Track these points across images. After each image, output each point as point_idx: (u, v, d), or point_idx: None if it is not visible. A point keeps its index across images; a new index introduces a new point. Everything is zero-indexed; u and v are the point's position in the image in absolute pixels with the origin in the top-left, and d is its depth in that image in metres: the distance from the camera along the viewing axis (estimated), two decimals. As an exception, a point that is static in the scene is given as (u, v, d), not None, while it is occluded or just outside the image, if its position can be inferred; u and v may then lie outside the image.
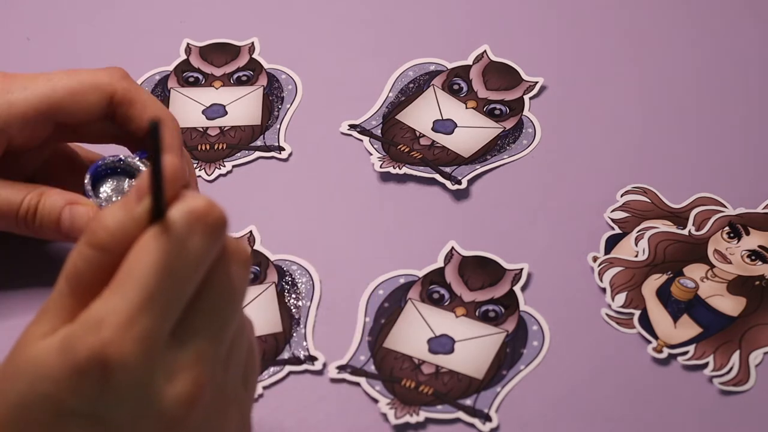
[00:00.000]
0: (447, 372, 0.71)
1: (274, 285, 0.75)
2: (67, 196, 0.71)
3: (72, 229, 0.70)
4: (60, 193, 0.71)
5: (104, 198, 0.71)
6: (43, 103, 0.71)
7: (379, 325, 0.73)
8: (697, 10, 0.92)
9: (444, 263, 0.76)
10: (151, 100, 0.73)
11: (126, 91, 0.72)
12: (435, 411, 0.69)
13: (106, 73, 0.72)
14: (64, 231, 0.70)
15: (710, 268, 0.75)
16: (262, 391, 0.70)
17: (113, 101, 0.72)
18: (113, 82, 0.72)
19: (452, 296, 0.75)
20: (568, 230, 0.78)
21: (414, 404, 0.69)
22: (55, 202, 0.71)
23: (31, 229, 0.71)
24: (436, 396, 0.70)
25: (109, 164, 0.72)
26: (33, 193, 0.71)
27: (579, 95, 0.86)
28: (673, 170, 0.82)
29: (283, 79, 0.87)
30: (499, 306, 0.74)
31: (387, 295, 0.75)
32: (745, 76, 0.88)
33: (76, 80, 0.72)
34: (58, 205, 0.70)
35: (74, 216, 0.70)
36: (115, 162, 0.72)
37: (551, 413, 0.69)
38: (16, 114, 0.71)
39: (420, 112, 0.85)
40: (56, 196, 0.71)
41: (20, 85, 0.71)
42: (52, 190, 0.71)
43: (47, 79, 0.72)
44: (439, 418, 0.69)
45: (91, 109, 0.72)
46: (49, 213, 0.70)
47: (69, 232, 0.70)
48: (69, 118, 0.72)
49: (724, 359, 0.71)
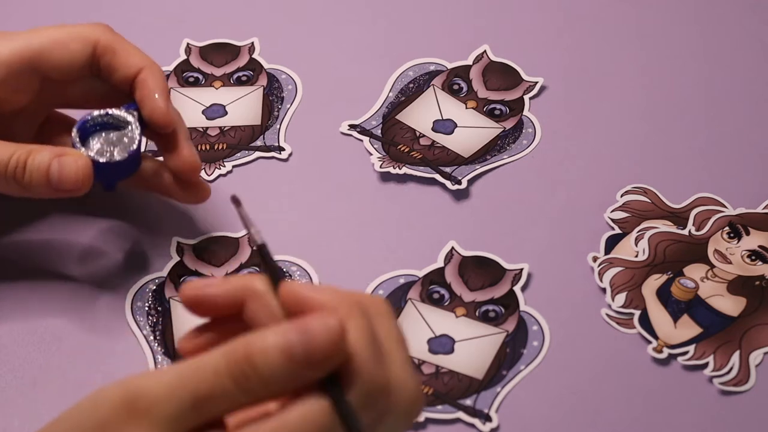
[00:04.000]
0: (447, 372, 0.71)
1: None
2: (56, 149, 0.71)
3: (61, 181, 0.70)
4: (48, 148, 0.71)
5: (94, 151, 0.71)
6: (26, 50, 0.72)
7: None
8: (697, 10, 0.92)
9: (444, 263, 0.76)
10: (134, 49, 0.73)
11: (109, 40, 0.73)
12: (435, 411, 0.69)
13: (90, 25, 0.74)
14: (54, 184, 0.70)
15: (710, 268, 0.75)
16: None
17: (96, 51, 0.72)
18: (97, 32, 0.73)
19: (452, 296, 0.75)
20: (568, 230, 0.78)
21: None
22: (44, 156, 0.70)
23: (21, 184, 0.70)
24: (436, 396, 0.70)
25: (96, 119, 0.72)
26: (21, 150, 0.70)
27: (579, 95, 0.86)
28: (673, 170, 0.82)
29: (283, 79, 0.87)
30: (499, 306, 0.74)
31: (387, 295, 0.75)
32: (745, 75, 0.88)
33: (59, 31, 0.73)
34: (47, 159, 0.70)
35: (62, 167, 0.70)
36: (103, 116, 0.72)
37: (551, 413, 0.69)
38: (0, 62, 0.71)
39: (420, 112, 0.85)
40: (45, 150, 0.70)
41: (5, 38, 0.72)
42: (41, 147, 0.71)
43: (32, 31, 0.73)
44: (439, 418, 0.69)
45: (75, 57, 0.72)
46: (38, 167, 0.70)
47: (58, 185, 0.70)
48: (53, 69, 0.72)
49: (724, 359, 0.71)
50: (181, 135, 0.73)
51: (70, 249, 0.77)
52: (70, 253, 0.76)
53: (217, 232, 0.77)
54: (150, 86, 0.72)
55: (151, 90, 0.72)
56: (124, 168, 0.72)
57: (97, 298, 0.74)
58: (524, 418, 0.69)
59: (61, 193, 0.70)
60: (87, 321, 0.73)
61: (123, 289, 0.74)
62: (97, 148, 0.71)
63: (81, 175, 0.70)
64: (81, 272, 0.75)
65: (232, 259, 0.76)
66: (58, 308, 0.74)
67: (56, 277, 0.75)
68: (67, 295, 0.74)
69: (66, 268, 0.76)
